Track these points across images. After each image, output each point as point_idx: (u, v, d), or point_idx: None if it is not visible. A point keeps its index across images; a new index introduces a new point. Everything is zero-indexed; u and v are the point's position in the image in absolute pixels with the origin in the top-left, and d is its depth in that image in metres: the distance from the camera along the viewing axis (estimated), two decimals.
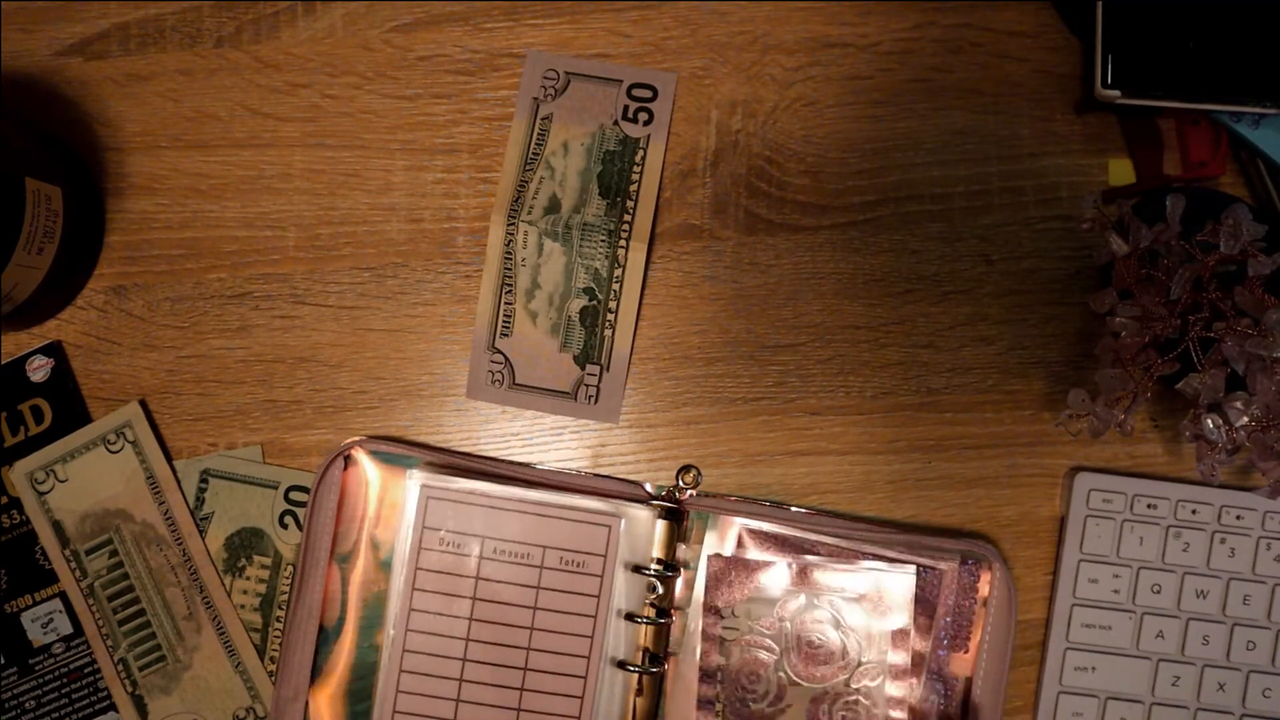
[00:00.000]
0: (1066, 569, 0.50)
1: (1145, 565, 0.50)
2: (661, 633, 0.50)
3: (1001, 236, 0.52)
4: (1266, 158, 0.49)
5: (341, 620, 0.50)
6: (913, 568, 0.49)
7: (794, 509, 0.51)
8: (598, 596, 0.50)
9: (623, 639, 0.50)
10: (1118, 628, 0.50)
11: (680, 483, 0.51)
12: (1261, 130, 0.49)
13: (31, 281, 0.49)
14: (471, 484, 0.50)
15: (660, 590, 0.50)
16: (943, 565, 0.49)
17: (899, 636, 0.49)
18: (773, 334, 0.52)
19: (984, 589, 0.49)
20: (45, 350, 0.53)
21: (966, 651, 0.49)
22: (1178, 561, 0.50)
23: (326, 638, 0.50)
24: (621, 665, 0.50)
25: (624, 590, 0.50)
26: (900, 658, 0.49)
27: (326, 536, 0.50)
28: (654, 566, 0.50)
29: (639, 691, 0.50)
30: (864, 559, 0.49)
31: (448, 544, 0.50)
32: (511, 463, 0.52)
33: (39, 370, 0.53)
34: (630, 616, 0.50)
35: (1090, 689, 0.50)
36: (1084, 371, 0.52)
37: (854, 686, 0.49)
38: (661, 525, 0.50)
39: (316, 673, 0.50)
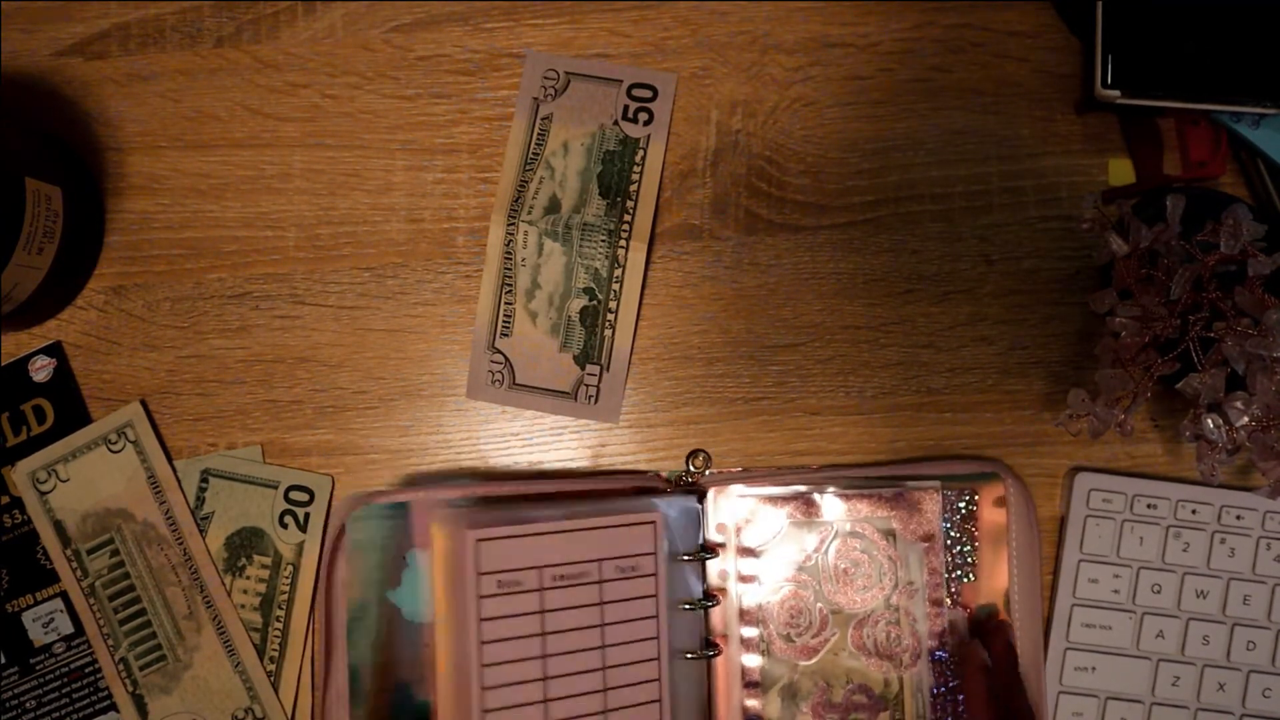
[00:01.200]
0: (1066, 569, 0.50)
1: (1145, 565, 0.50)
2: (712, 615, 0.50)
3: (1001, 236, 0.52)
4: (1266, 158, 0.49)
5: (361, 683, 0.49)
6: (937, 481, 0.50)
7: (812, 469, 0.51)
8: (656, 595, 0.49)
9: (681, 630, 0.50)
10: (1118, 628, 0.50)
11: (691, 467, 0.51)
12: (1261, 130, 0.49)
13: (31, 281, 0.49)
14: (517, 519, 0.47)
15: (703, 575, 0.50)
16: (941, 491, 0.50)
17: (931, 550, 0.50)
18: (773, 334, 0.52)
19: (986, 512, 0.50)
20: (47, 350, 0.53)
21: (974, 580, 0.50)
22: (1178, 561, 0.50)
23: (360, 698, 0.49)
24: (690, 656, 0.50)
25: (670, 582, 0.49)
26: (934, 572, 0.50)
27: (343, 612, 0.48)
28: (705, 553, 0.50)
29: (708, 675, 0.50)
30: (887, 483, 0.50)
31: (506, 585, 0.47)
32: (514, 476, 0.52)
33: (41, 370, 0.53)
34: (687, 605, 0.50)
35: (1090, 689, 0.50)
36: (1084, 371, 0.52)
37: (894, 604, 0.50)
38: (699, 509, 0.50)
39: None
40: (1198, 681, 0.50)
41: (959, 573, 0.50)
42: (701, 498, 0.51)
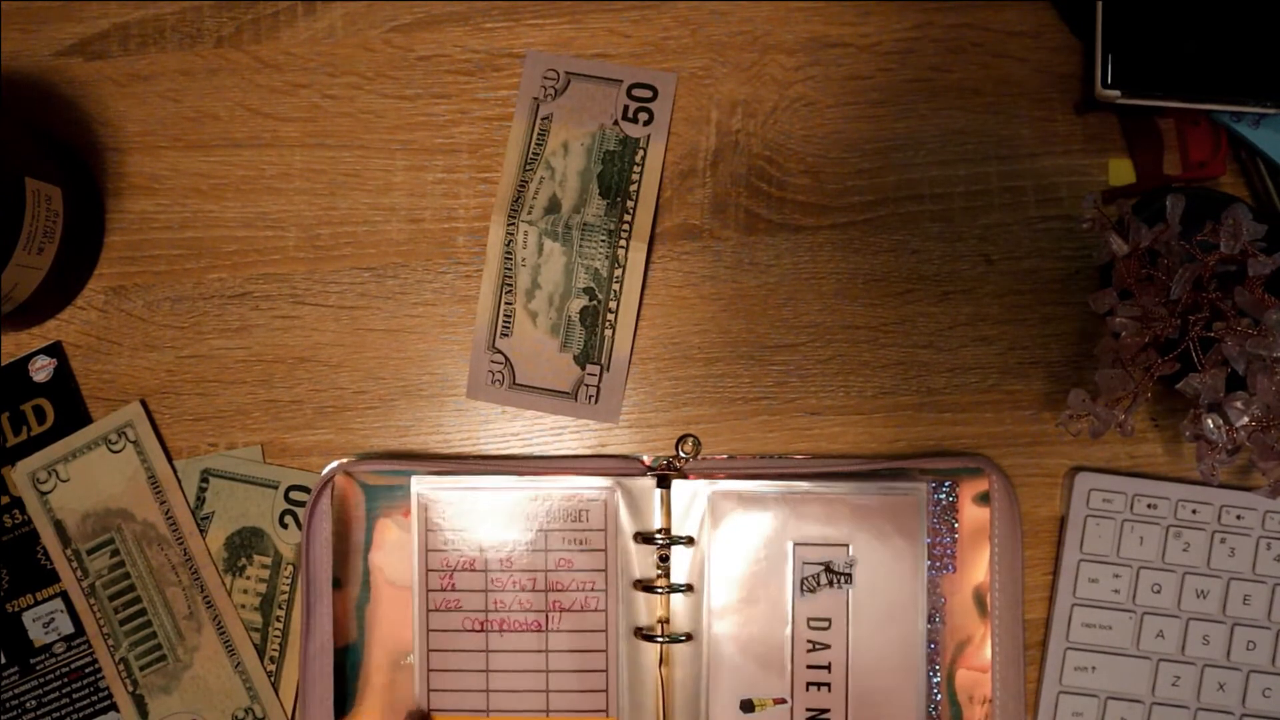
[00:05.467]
0: (1066, 569, 0.50)
1: (1145, 565, 0.50)
2: (678, 603, 0.50)
3: (1001, 236, 0.52)
4: (1266, 158, 0.49)
5: (360, 645, 0.51)
6: (923, 486, 0.50)
7: (796, 457, 0.51)
8: (605, 570, 0.50)
9: (642, 611, 0.51)
10: (1118, 628, 0.50)
11: (680, 452, 0.51)
12: (1261, 130, 0.49)
13: (31, 281, 0.49)
14: (468, 480, 0.51)
15: (668, 560, 0.50)
16: (922, 486, 0.50)
17: (908, 564, 0.49)
18: (773, 334, 0.52)
19: (967, 507, 0.50)
20: (47, 350, 0.53)
21: (953, 571, 0.50)
22: (1178, 561, 0.50)
23: (347, 668, 0.51)
24: (647, 637, 0.50)
25: (637, 562, 0.50)
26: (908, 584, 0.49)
27: (327, 567, 0.50)
28: (659, 536, 0.50)
29: (663, 662, 0.50)
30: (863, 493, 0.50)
31: (452, 544, 0.51)
32: (504, 457, 0.52)
33: (41, 370, 0.53)
34: (641, 586, 0.50)
35: (1090, 689, 0.50)
36: (1084, 371, 0.52)
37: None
38: (660, 494, 0.50)
39: (350, 701, 0.51)
40: (1198, 681, 0.50)
41: (939, 564, 0.50)
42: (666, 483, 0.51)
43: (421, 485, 0.51)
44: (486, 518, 0.51)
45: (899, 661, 0.49)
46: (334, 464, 0.51)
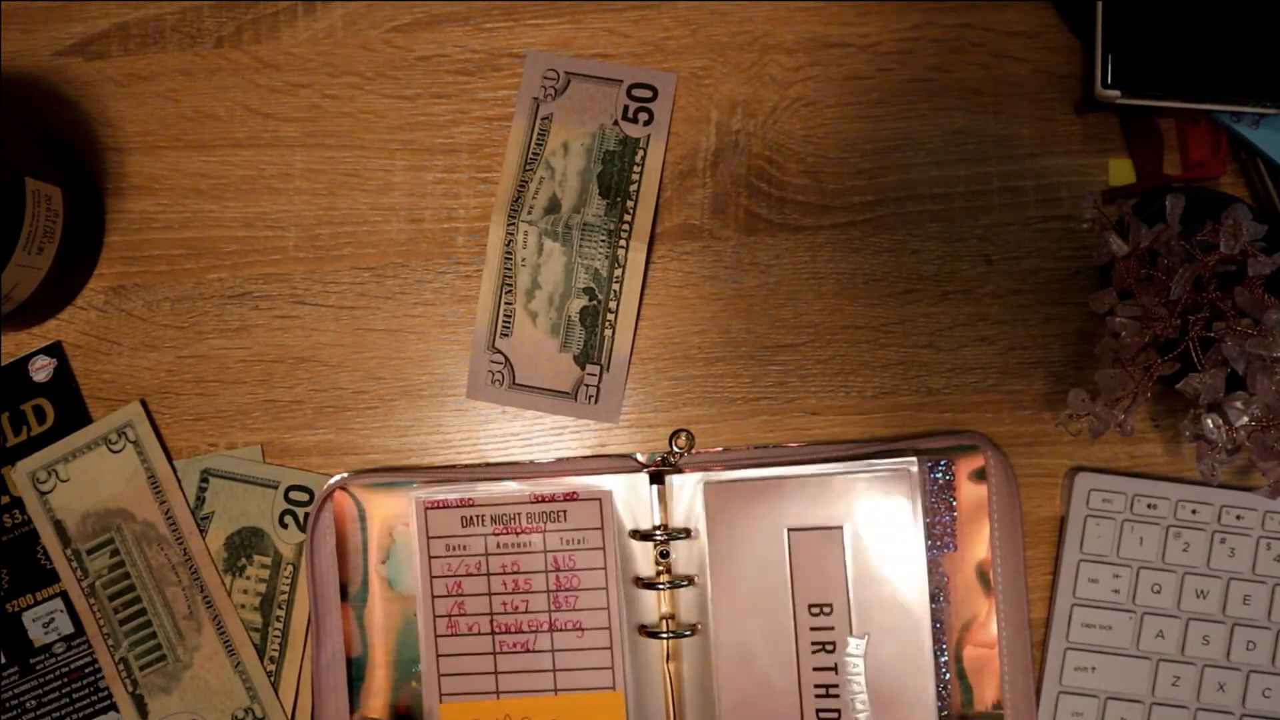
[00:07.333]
0: (1066, 569, 0.50)
1: (1145, 565, 0.50)
2: (682, 598, 0.50)
3: (1001, 236, 0.52)
4: (1266, 158, 0.49)
5: (364, 656, 0.51)
6: (914, 459, 0.50)
7: (790, 445, 0.51)
8: (604, 568, 0.50)
9: (646, 608, 0.51)
10: (1118, 628, 0.50)
11: (674, 448, 0.51)
12: (1261, 130, 0.49)
13: (31, 281, 0.49)
14: (467, 487, 0.51)
15: (669, 555, 0.50)
16: (915, 465, 0.50)
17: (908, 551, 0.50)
18: (773, 334, 0.52)
19: (964, 484, 0.50)
20: (47, 350, 0.53)
21: (954, 550, 0.50)
22: (1178, 561, 0.50)
23: (352, 679, 0.52)
24: (652, 635, 0.50)
25: (639, 559, 0.51)
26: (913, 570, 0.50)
27: (333, 580, 0.51)
28: (656, 533, 0.50)
29: (669, 658, 0.51)
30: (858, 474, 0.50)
31: (454, 549, 0.51)
32: (501, 464, 0.52)
33: (41, 370, 0.53)
34: (642, 583, 0.50)
35: (1090, 689, 0.50)
36: (1084, 371, 0.52)
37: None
38: (656, 490, 0.50)
39: (357, 712, 0.52)
40: (1198, 681, 0.50)
41: (939, 544, 0.50)
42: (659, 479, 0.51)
43: (421, 493, 0.51)
44: (486, 522, 0.51)
45: (905, 638, 0.49)
46: (334, 479, 0.51)
